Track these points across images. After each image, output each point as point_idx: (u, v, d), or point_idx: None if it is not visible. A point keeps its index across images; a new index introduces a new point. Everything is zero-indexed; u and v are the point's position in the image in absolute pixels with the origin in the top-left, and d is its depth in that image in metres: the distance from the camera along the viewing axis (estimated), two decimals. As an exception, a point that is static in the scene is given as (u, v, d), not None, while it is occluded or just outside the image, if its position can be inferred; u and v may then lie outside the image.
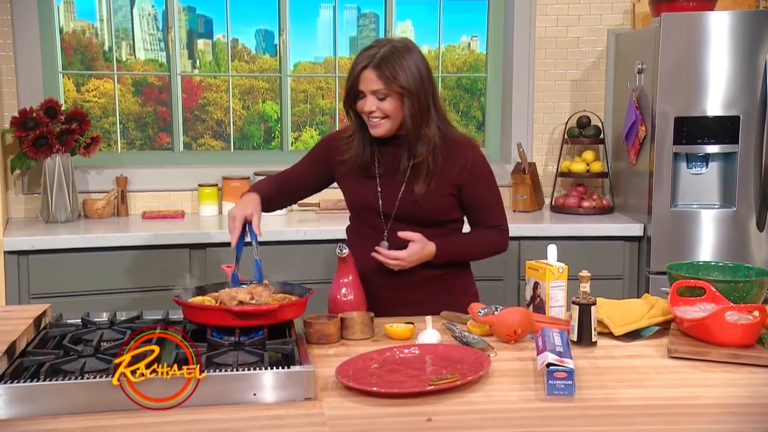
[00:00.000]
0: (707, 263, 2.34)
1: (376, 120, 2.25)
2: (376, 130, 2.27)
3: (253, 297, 1.96)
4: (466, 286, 2.49)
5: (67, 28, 4.04)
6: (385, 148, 2.35)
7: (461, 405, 1.62)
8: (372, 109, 2.23)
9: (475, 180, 2.34)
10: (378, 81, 2.20)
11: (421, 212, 2.32)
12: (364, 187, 2.37)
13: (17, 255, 3.21)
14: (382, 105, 2.23)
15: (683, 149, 3.48)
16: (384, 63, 2.20)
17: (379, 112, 2.24)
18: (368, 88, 2.21)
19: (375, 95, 2.22)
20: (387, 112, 2.24)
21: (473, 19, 4.31)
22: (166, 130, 4.14)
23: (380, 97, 2.22)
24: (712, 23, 3.39)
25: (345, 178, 2.42)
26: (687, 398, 1.68)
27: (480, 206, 2.39)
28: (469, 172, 2.32)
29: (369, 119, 2.26)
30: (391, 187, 2.34)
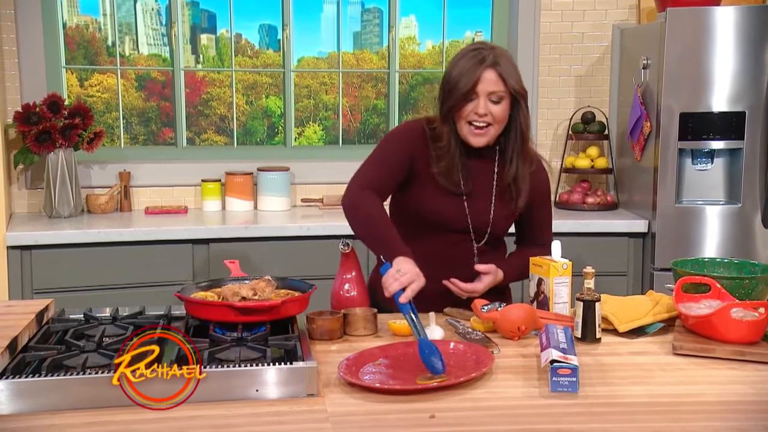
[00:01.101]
0: (712, 260, 2.33)
1: (482, 127, 2.14)
2: (481, 138, 2.16)
3: (255, 293, 1.96)
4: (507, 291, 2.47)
5: (70, 23, 4.04)
6: (475, 161, 2.23)
7: (465, 401, 1.61)
8: (484, 112, 2.11)
9: (542, 201, 2.34)
10: (498, 81, 2.10)
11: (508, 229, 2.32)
12: (450, 204, 2.22)
13: (20, 250, 3.21)
14: (495, 109, 2.12)
15: (688, 145, 3.48)
16: (506, 64, 2.12)
17: (489, 116, 2.12)
18: (486, 89, 2.10)
19: (489, 98, 2.11)
20: (497, 117, 2.13)
21: (477, 14, 4.29)
22: (170, 125, 4.14)
23: (494, 100, 2.12)
24: (718, 18, 3.38)
25: (428, 189, 2.22)
26: (692, 395, 1.67)
27: (543, 224, 2.38)
28: (543, 190, 2.32)
29: (473, 126, 2.14)
30: (479, 206, 2.25)
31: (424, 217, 2.25)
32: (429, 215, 2.24)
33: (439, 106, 2.19)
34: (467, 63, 2.11)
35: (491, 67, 2.10)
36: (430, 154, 2.20)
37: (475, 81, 2.09)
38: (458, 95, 2.12)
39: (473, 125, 2.15)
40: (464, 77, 2.10)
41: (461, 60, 2.14)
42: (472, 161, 2.22)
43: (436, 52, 4.34)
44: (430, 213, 2.23)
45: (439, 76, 4.23)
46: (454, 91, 2.12)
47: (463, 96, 2.11)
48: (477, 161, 2.23)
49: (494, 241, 2.33)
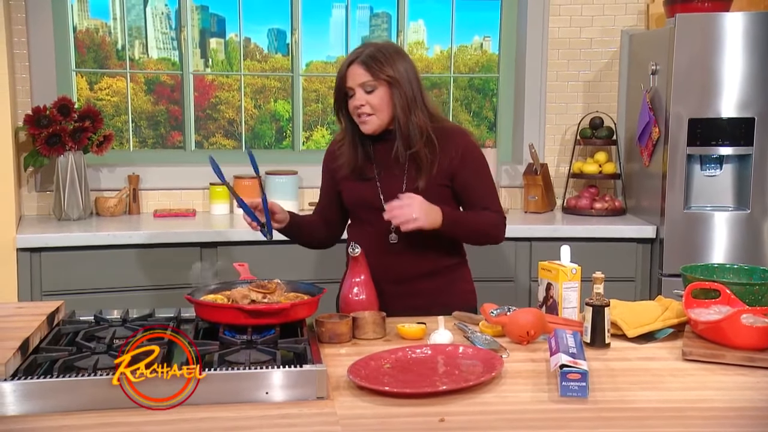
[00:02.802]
0: (722, 265, 2.33)
1: (365, 116, 2.30)
2: (366, 126, 2.32)
3: (265, 296, 1.97)
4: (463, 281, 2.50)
5: (80, 27, 4.06)
6: (379, 146, 2.38)
7: (474, 405, 1.61)
8: (361, 102, 2.28)
9: (467, 166, 2.36)
10: (365, 73, 2.27)
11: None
12: (364, 188, 2.40)
13: (30, 252, 3.22)
14: (371, 98, 2.29)
15: (697, 151, 3.47)
16: (369, 57, 2.29)
17: (368, 106, 2.29)
18: (356, 82, 2.28)
19: (362, 88, 2.28)
20: (375, 106, 2.29)
21: (486, 19, 4.30)
22: (178, 128, 4.15)
23: (368, 89, 2.28)
24: (727, 24, 3.37)
25: (344, 183, 2.44)
26: (702, 401, 1.67)
27: (476, 193, 2.38)
28: (461, 159, 2.35)
29: (359, 116, 2.31)
30: (391, 185, 2.35)
31: (350, 206, 2.48)
32: (350, 202, 2.46)
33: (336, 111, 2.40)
34: (342, 65, 2.34)
35: (355, 62, 2.29)
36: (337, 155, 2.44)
37: (344, 78, 2.31)
38: (338, 94, 2.35)
39: (360, 117, 2.32)
40: (338, 78, 2.34)
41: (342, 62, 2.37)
42: (379, 145, 2.39)
43: (444, 56, 4.35)
44: (349, 200, 2.46)
45: (448, 81, 4.28)
46: (336, 90, 2.35)
47: (342, 94, 2.33)
48: (383, 145, 2.38)
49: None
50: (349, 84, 2.29)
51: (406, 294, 2.35)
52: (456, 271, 2.47)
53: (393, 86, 2.28)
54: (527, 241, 3.54)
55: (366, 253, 2.26)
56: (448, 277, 2.44)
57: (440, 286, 2.41)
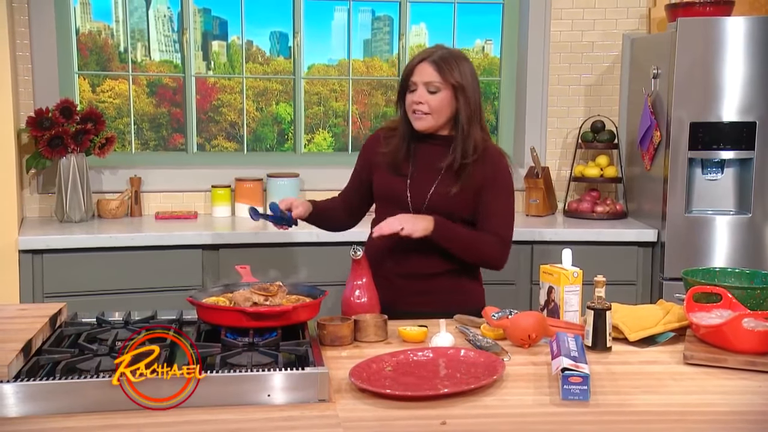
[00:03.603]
0: (723, 269, 2.32)
1: (421, 114, 2.34)
2: (420, 123, 2.36)
3: (267, 298, 1.97)
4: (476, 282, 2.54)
5: (83, 29, 4.06)
6: (423, 146, 2.42)
7: (476, 409, 1.62)
8: (420, 100, 2.33)
9: (495, 187, 2.39)
10: (434, 73, 2.31)
11: (449, 209, 2.37)
12: (395, 183, 2.44)
13: (32, 254, 3.22)
14: (431, 99, 2.33)
15: (698, 155, 3.47)
16: (442, 59, 2.33)
17: (425, 105, 2.33)
18: (422, 79, 2.32)
19: (426, 87, 2.32)
20: (434, 107, 2.33)
21: (488, 23, 4.30)
22: (180, 131, 4.15)
23: (432, 90, 2.32)
24: (729, 28, 3.37)
25: (378, 171, 2.48)
26: (703, 405, 1.67)
27: (491, 213, 2.40)
28: (493, 179, 2.38)
29: (414, 112, 2.35)
30: (421, 184, 2.39)
31: (377, 196, 2.52)
32: (378, 192, 2.51)
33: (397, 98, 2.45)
34: (413, 59, 2.38)
35: (427, 61, 2.33)
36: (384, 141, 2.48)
37: (410, 72, 2.35)
38: (401, 85, 2.40)
39: (414, 113, 2.36)
40: (406, 70, 2.38)
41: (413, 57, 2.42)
42: (424, 147, 2.43)
43: (446, 60, 4.34)
44: (378, 190, 2.50)
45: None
46: (400, 81, 2.41)
47: (403, 86, 2.38)
48: (428, 146, 2.42)
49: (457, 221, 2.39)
50: (414, 79, 2.33)
51: (421, 291, 2.39)
52: (470, 272, 2.50)
53: (458, 92, 2.33)
54: (528, 245, 3.54)
55: (387, 248, 2.32)
56: (462, 276, 2.47)
57: (454, 285, 2.44)
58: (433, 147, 2.41)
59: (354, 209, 2.62)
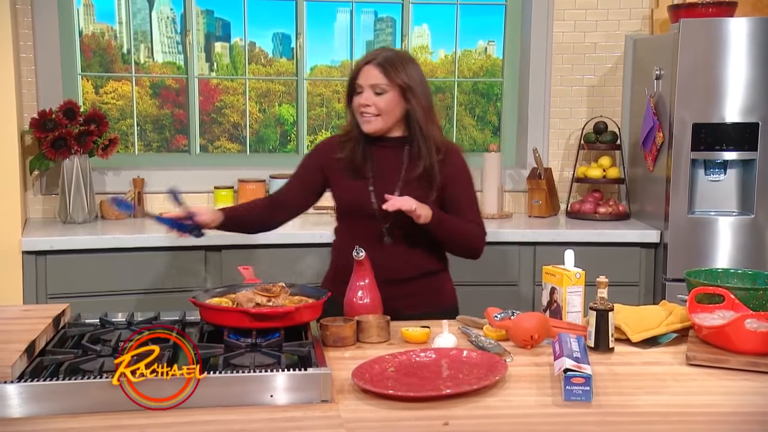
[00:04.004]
0: (726, 270, 2.32)
1: (369, 116, 2.33)
2: (368, 126, 2.35)
3: (269, 299, 1.97)
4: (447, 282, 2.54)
5: (86, 31, 4.06)
6: (380, 150, 2.41)
7: (478, 409, 1.62)
8: (367, 102, 2.32)
9: (459, 182, 2.42)
10: (379, 75, 2.32)
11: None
12: (357, 189, 2.41)
13: (35, 255, 3.22)
14: (378, 101, 2.32)
15: (701, 156, 3.46)
16: (387, 61, 2.33)
17: (373, 107, 2.33)
18: (367, 82, 2.32)
19: (373, 90, 2.32)
20: (381, 109, 2.33)
21: (490, 24, 4.29)
22: (183, 132, 4.15)
23: (378, 92, 2.32)
24: (732, 29, 3.37)
25: (337, 180, 2.45)
26: (706, 406, 1.67)
27: (465, 206, 2.44)
28: (455, 176, 2.41)
29: (362, 115, 2.34)
30: (384, 189, 2.37)
31: (340, 205, 2.49)
32: (340, 201, 2.48)
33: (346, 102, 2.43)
34: (358, 62, 2.38)
35: (372, 63, 2.33)
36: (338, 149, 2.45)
37: (356, 76, 2.35)
38: (348, 88, 2.38)
39: (363, 115, 2.35)
40: (352, 73, 2.37)
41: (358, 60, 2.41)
42: (379, 149, 2.41)
43: (448, 61, 4.35)
44: (340, 198, 2.47)
45: (452, 85, 4.28)
46: (347, 85, 2.39)
47: (349, 88, 2.37)
48: (385, 149, 2.41)
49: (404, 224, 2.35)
50: (360, 82, 2.33)
51: (398, 296, 2.34)
52: (440, 276, 2.51)
53: (406, 93, 2.32)
54: (531, 246, 3.54)
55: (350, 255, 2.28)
56: (436, 277, 2.49)
57: (428, 287, 2.46)
58: (388, 150, 2.41)
59: (288, 209, 2.55)
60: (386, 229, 2.39)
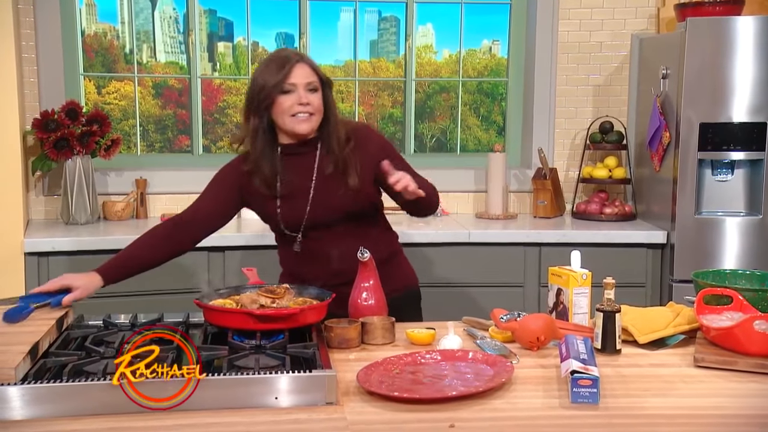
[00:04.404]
0: (734, 271, 2.31)
1: (305, 115, 2.24)
2: (306, 125, 2.25)
3: (274, 300, 1.96)
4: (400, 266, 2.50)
5: (88, 31, 4.06)
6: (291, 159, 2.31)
7: (485, 412, 1.61)
8: (306, 101, 2.22)
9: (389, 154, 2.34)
10: (311, 72, 2.24)
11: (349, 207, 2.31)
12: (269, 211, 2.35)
13: (37, 256, 3.22)
14: (314, 98, 2.24)
15: (708, 156, 3.45)
16: (309, 58, 2.29)
17: (310, 106, 2.24)
18: (303, 80, 2.22)
19: (306, 87, 2.23)
20: (317, 107, 2.25)
21: (495, 23, 4.29)
22: (186, 132, 4.15)
23: (311, 89, 2.24)
24: (739, 28, 3.35)
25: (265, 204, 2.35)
26: (714, 408, 1.66)
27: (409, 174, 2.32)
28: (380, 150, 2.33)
29: (296, 116, 2.23)
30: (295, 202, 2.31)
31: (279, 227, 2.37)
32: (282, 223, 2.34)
33: (251, 110, 2.27)
34: (276, 63, 2.23)
35: (301, 61, 2.24)
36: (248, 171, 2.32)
37: (287, 75, 2.20)
38: (275, 90, 2.21)
39: (297, 116, 2.23)
40: (278, 74, 2.21)
41: (268, 62, 2.27)
42: (290, 159, 2.31)
43: (453, 60, 4.34)
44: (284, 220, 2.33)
45: (456, 85, 4.27)
46: (268, 88, 2.21)
47: (279, 88, 2.21)
48: (296, 157, 2.31)
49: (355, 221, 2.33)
50: (295, 80, 2.21)
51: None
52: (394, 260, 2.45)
53: (327, 88, 2.28)
54: (536, 246, 3.53)
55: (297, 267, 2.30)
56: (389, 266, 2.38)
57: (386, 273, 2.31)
58: (300, 156, 2.31)
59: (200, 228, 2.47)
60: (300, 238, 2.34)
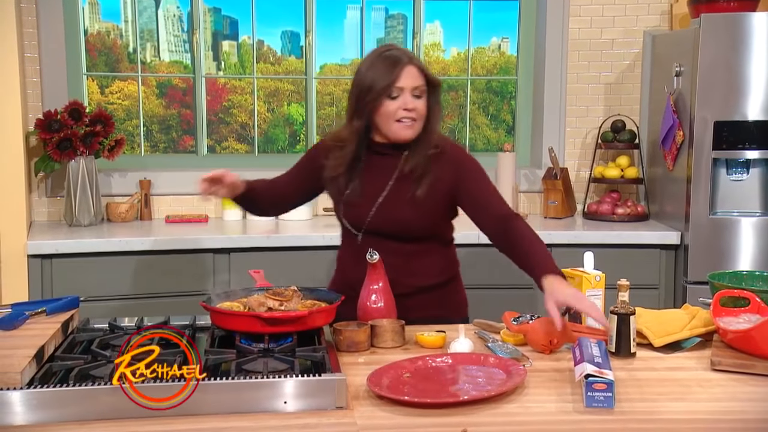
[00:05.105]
0: (751, 273, 2.29)
1: (410, 121, 2.18)
2: (409, 131, 2.19)
3: (282, 303, 1.96)
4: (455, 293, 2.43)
5: (91, 30, 4.05)
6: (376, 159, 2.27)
7: (498, 416, 1.60)
8: (412, 106, 2.15)
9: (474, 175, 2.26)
10: (419, 76, 2.17)
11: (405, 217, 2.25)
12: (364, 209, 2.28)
13: (41, 259, 3.20)
14: (419, 104, 2.18)
15: (723, 155, 3.42)
16: (419, 61, 2.20)
17: (415, 112, 2.17)
18: (411, 84, 2.14)
19: (413, 93, 2.16)
20: (422, 113, 2.19)
21: (504, 20, 4.28)
22: (190, 132, 4.13)
23: (417, 94, 2.17)
24: (755, 24, 3.32)
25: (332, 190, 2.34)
26: (731, 412, 1.64)
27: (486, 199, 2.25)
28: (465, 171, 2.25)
29: (402, 121, 2.17)
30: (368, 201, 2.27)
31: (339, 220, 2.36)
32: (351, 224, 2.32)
33: (354, 106, 2.20)
34: (384, 62, 2.15)
35: (410, 63, 2.15)
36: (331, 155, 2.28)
37: (399, 76, 2.13)
38: (382, 94, 2.14)
39: (402, 121, 2.16)
40: (386, 76, 2.13)
41: (376, 60, 2.17)
42: (376, 158, 2.26)
43: (461, 58, 4.32)
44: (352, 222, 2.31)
45: (465, 83, 4.23)
46: (375, 90, 2.14)
47: (386, 93, 2.13)
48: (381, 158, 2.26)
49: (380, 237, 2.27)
50: (402, 84, 2.14)
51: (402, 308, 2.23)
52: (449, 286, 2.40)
53: (434, 91, 2.20)
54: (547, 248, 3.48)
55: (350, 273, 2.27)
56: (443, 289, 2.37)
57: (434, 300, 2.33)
58: (386, 158, 2.25)
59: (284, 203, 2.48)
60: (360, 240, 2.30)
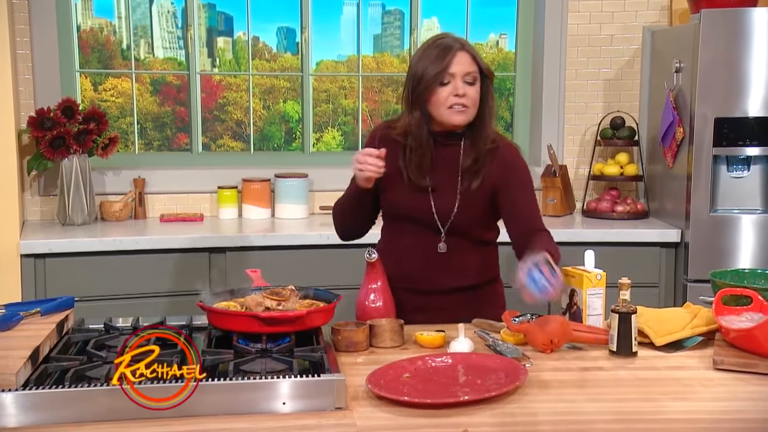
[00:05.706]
0: (753, 270, 2.29)
1: (461, 107, 2.17)
2: (461, 116, 2.18)
3: (279, 303, 1.94)
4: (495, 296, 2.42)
5: (84, 26, 4.03)
6: (439, 150, 2.25)
7: (497, 416, 1.59)
8: (463, 92, 2.15)
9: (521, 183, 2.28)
10: (471, 62, 2.17)
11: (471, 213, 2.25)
12: (416, 199, 2.26)
13: (34, 258, 3.19)
14: (470, 90, 2.17)
15: (723, 151, 3.41)
16: (471, 47, 2.20)
17: (466, 98, 2.16)
18: (463, 70, 2.15)
19: (464, 79, 2.16)
20: (474, 99, 2.17)
21: (502, 16, 4.27)
22: (185, 130, 4.12)
23: (469, 81, 2.16)
24: (756, 20, 3.32)
25: (392, 186, 2.27)
26: (734, 412, 1.65)
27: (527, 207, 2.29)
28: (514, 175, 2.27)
29: (454, 107, 2.16)
30: (445, 197, 2.25)
31: (395, 211, 2.32)
32: (397, 206, 2.30)
33: (409, 97, 2.21)
34: (435, 50, 2.17)
35: (462, 49, 2.17)
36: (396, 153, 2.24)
37: (449, 64, 2.14)
38: (433, 82, 2.15)
39: (453, 107, 2.17)
40: (437, 64, 2.15)
41: (428, 49, 2.19)
42: (439, 149, 2.25)
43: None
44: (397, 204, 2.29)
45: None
46: (427, 79, 2.16)
47: (438, 80, 2.15)
48: (444, 148, 2.25)
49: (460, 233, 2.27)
50: (453, 70, 2.14)
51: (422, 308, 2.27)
52: (493, 286, 2.41)
53: (486, 80, 2.20)
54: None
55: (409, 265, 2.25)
56: (485, 291, 2.37)
57: (476, 300, 2.34)
58: (448, 148, 2.25)
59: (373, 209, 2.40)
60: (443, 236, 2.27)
